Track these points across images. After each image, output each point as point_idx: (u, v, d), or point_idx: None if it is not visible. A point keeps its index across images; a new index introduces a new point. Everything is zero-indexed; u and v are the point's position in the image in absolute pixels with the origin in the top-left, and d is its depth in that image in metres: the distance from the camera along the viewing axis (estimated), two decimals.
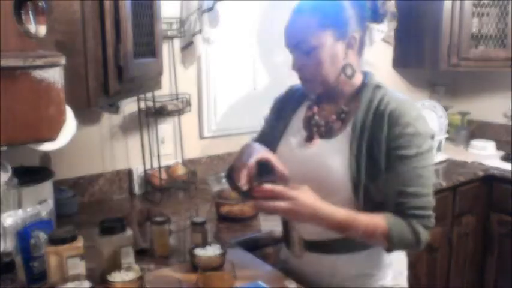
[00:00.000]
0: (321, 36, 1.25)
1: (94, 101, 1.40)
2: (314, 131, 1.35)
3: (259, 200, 1.17)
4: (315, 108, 1.39)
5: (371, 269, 1.37)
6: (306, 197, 1.18)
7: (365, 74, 1.36)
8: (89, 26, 1.34)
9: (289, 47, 1.32)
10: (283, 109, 1.47)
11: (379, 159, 1.23)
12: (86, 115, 2.05)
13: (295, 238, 1.38)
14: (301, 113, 1.42)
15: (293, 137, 1.39)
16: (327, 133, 1.34)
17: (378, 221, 1.21)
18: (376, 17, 1.35)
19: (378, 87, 1.31)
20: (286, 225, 1.42)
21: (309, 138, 1.35)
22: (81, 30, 1.33)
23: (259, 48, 2.50)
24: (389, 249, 1.25)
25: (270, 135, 1.45)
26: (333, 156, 1.29)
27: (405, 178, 1.21)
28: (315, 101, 1.41)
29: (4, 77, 0.87)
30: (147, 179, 2.19)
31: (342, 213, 1.20)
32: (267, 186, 1.17)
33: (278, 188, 1.17)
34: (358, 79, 1.34)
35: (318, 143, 1.34)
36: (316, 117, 1.37)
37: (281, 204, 1.15)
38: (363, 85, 1.33)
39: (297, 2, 1.31)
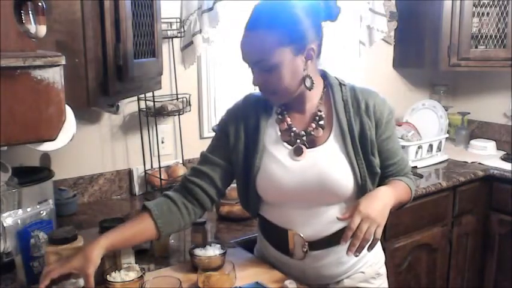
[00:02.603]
0: (280, 54, 1.22)
1: (94, 101, 1.40)
2: (298, 142, 1.34)
3: (354, 248, 1.21)
4: (288, 119, 1.36)
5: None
6: (366, 207, 1.22)
7: (324, 74, 1.38)
8: (88, 26, 1.34)
9: (248, 64, 1.29)
10: (247, 122, 1.38)
11: (372, 153, 1.33)
12: (86, 115, 2.05)
13: (297, 242, 1.36)
14: (273, 126, 1.37)
15: (277, 152, 1.34)
16: (310, 142, 1.34)
17: (402, 184, 1.39)
18: (331, 16, 1.31)
19: (342, 84, 1.37)
20: (283, 232, 1.38)
21: (299, 151, 1.33)
22: (81, 30, 1.33)
23: None
24: (405, 205, 1.44)
25: (239, 151, 1.38)
26: (332, 161, 1.32)
27: (392, 152, 1.39)
28: (283, 110, 1.37)
29: (4, 77, 0.87)
30: (147, 179, 2.19)
31: (392, 194, 1.31)
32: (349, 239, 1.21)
33: (350, 232, 1.20)
34: (320, 81, 1.36)
35: (307, 153, 1.33)
36: (294, 128, 1.35)
37: (370, 230, 1.20)
38: (328, 85, 1.37)
39: (249, 16, 1.26)
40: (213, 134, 2.36)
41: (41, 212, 1.40)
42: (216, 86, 2.39)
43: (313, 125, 1.34)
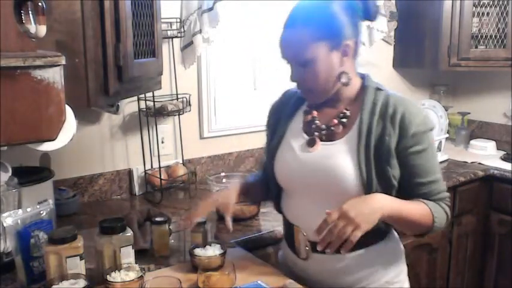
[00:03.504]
0: (314, 49, 1.24)
1: (94, 101, 1.40)
2: (315, 135, 1.35)
3: (324, 243, 1.19)
4: (315, 112, 1.39)
5: (379, 264, 1.37)
6: (350, 206, 1.19)
7: (363, 76, 1.38)
8: (88, 26, 1.34)
9: (285, 59, 1.32)
10: (281, 113, 1.46)
11: (388, 162, 1.27)
12: (86, 115, 2.05)
13: (301, 241, 1.37)
14: (299, 117, 1.42)
15: (294, 141, 1.38)
16: (328, 136, 1.34)
17: (422, 206, 1.29)
18: (369, 15, 1.33)
19: (378, 89, 1.34)
20: (291, 228, 1.40)
21: (312, 142, 1.35)
22: (81, 30, 1.33)
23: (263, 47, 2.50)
24: (427, 233, 1.34)
25: (272, 141, 1.45)
26: (340, 158, 1.30)
27: (421, 170, 1.29)
28: (313, 104, 1.40)
29: (4, 77, 0.87)
30: (147, 179, 2.19)
31: (390, 203, 1.24)
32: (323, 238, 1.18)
33: (328, 230, 1.18)
34: (356, 82, 1.36)
35: (320, 146, 1.34)
36: (317, 121, 1.37)
37: (345, 229, 1.16)
38: (364, 87, 1.35)
39: (289, 14, 1.30)
40: (213, 134, 2.40)
41: (41, 212, 1.40)
42: (216, 86, 2.39)
43: (336, 121, 1.35)
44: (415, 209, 1.28)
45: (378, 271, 1.37)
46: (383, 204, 1.23)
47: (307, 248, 1.36)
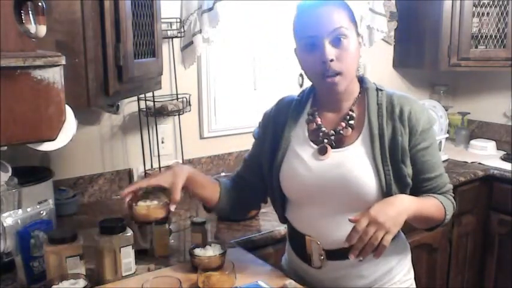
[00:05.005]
0: (350, 28, 1.25)
1: (94, 101, 1.40)
2: (325, 142, 1.32)
3: (356, 251, 1.16)
4: (318, 119, 1.36)
5: (393, 263, 1.37)
6: (377, 211, 1.17)
7: (361, 78, 1.38)
8: (88, 26, 1.34)
9: (318, 37, 1.23)
10: (280, 122, 1.40)
11: (403, 161, 1.28)
12: (86, 115, 2.05)
13: (315, 250, 1.34)
14: (302, 125, 1.38)
15: (301, 150, 1.34)
16: (338, 142, 1.32)
17: (434, 200, 1.32)
18: None
19: (379, 90, 1.34)
20: (301, 238, 1.37)
21: (323, 150, 1.31)
22: (81, 30, 1.33)
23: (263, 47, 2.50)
24: (438, 226, 1.37)
25: (265, 152, 1.41)
26: (356, 163, 1.28)
27: (429, 165, 1.32)
28: (315, 111, 1.37)
29: (4, 77, 0.87)
30: None
31: (412, 203, 1.25)
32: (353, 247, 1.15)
33: (359, 238, 1.14)
34: (356, 83, 1.35)
35: (332, 153, 1.31)
36: (323, 128, 1.34)
37: (376, 234, 1.15)
38: (364, 89, 1.35)
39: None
40: (213, 134, 2.40)
41: (41, 212, 1.40)
42: (216, 86, 2.39)
43: (343, 124, 1.32)
44: (431, 205, 1.31)
45: (391, 270, 1.37)
46: (407, 205, 1.23)
47: (322, 257, 1.33)
